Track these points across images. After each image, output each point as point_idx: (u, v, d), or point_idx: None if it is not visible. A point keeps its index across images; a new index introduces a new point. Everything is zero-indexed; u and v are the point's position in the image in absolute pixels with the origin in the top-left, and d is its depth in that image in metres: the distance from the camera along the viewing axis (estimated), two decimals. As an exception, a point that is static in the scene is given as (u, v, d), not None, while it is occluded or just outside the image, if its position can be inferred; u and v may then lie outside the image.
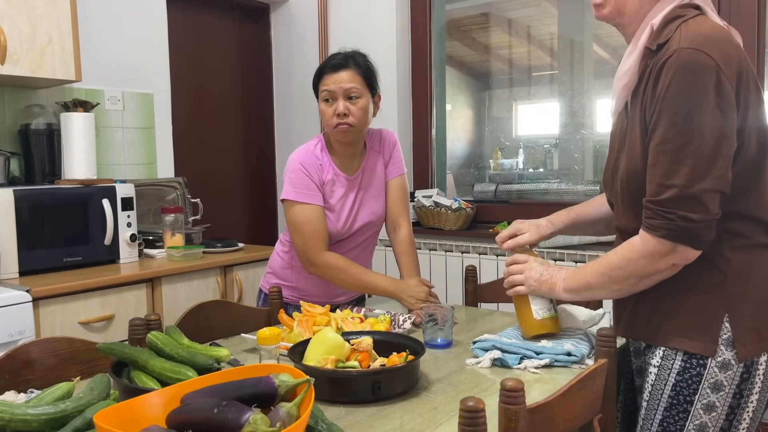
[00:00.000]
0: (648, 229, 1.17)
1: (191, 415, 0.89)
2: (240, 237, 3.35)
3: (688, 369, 1.20)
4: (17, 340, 1.93)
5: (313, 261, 1.85)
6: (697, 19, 1.18)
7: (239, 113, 3.69)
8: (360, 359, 1.28)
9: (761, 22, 2.40)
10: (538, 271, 1.43)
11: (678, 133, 1.12)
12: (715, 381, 1.18)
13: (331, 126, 1.84)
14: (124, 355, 1.19)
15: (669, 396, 1.22)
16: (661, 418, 1.23)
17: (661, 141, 1.14)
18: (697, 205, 1.12)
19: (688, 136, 1.11)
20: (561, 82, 3.21)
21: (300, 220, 1.84)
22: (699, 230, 1.13)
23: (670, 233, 1.14)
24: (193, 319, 1.67)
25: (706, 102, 1.10)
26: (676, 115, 1.12)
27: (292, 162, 1.88)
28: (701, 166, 1.11)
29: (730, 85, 1.11)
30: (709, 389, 1.18)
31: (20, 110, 2.60)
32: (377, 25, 3.30)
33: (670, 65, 1.13)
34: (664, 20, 1.20)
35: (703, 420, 1.19)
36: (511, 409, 0.92)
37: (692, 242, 1.14)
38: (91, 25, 2.79)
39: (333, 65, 1.83)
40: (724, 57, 1.11)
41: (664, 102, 1.13)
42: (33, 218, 2.25)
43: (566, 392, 1.05)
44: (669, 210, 1.13)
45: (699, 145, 1.10)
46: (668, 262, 1.17)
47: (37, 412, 0.96)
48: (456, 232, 3.02)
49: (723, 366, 1.17)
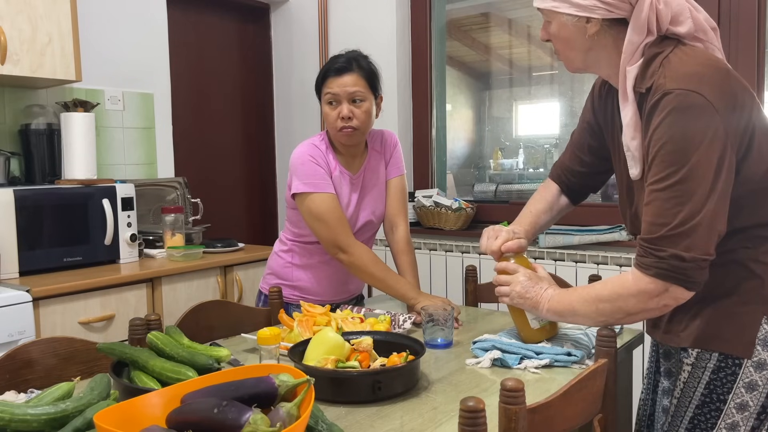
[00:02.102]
0: (640, 268, 1.16)
1: (191, 415, 0.89)
2: (240, 237, 3.36)
3: (723, 368, 1.20)
4: (17, 340, 1.93)
5: (345, 247, 1.81)
6: (676, 52, 1.17)
7: (239, 113, 3.69)
8: (360, 359, 1.28)
9: (761, 22, 2.40)
10: (524, 286, 1.39)
11: (671, 173, 1.11)
12: (750, 381, 1.18)
13: (335, 129, 1.84)
14: (124, 355, 1.19)
15: (702, 394, 1.22)
16: (692, 416, 1.24)
17: (655, 180, 1.14)
18: (690, 244, 1.10)
19: (682, 175, 1.10)
20: (561, 82, 3.21)
21: (322, 209, 1.82)
22: (690, 270, 1.12)
23: (660, 272, 1.13)
24: (193, 319, 1.67)
25: (700, 141, 1.09)
26: (668, 155, 1.12)
27: (300, 155, 1.86)
28: (695, 205, 1.10)
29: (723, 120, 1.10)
30: (744, 389, 1.19)
31: (20, 110, 2.60)
32: (377, 25, 3.30)
33: (663, 107, 1.13)
34: (644, 62, 1.20)
35: (735, 419, 1.20)
36: (512, 409, 0.92)
37: (684, 282, 1.13)
38: (91, 25, 2.79)
39: (337, 69, 1.81)
40: (715, 91, 1.11)
41: (658, 143, 1.13)
42: (33, 218, 2.25)
43: (566, 392, 1.05)
44: (660, 248, 1.12)
45: (693, 185, 1.10)
46: (659, 302, 1.17)
47: (37, 412, 0.96)
48: (456, 232, 3.02)
49: (759, 366, 1.18)
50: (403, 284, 1.83)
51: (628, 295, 1.19)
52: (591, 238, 2.64)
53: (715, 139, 1.10)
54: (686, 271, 1.12)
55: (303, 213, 1.86)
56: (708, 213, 1.10)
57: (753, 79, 2.40)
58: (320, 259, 1.96)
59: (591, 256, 2.64)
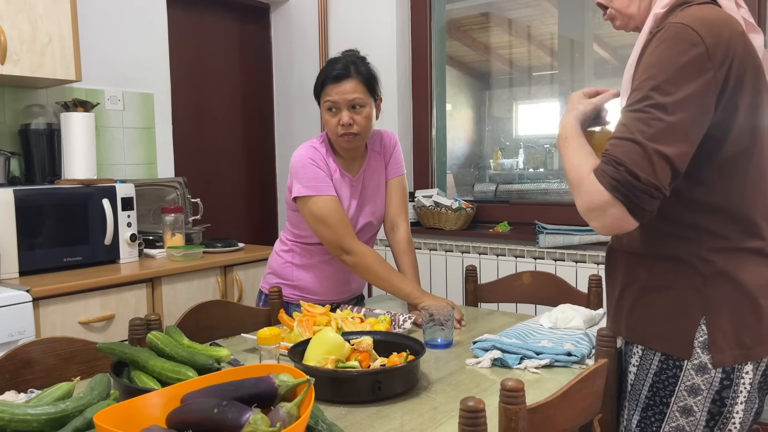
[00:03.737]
0: (597, 174, 1.11)
1: (191, 415, 0.89)
2: (240, 237, 3.35)
3: (665, 370, 1.18)
4: (17, 340, 1.93)
5: (349, 249, 1.82)
6: (703, 6, 1.14)
7: (239, 113, 3.69)
8: (360, 359, 1.28)
9: (761, 22, 2.40)
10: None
11: (646, 96, 1.08)
12: (692, 384, 1.16)
13: (335, 135, 1.83)
14: (124, 355, 1.19)
15: (646, 397, 1.21)
16: (638, 419, 1.23)
17: (630, 102, 1.11)
18: (647, 165, 1.06)
19: (657, 101, 1.07)
20: (561, 81, 3.20)
21: (324, 212, 1.82)
22: (641, 193, 1.07)
23: (613, 183, 1.08)
24: (193, 319, 1.67)
25: (682, 75, 1.07)
26: (648, 80, 1.10)
27: (301, 158, 1.86)
28: (661, 130, 1.06)
29: (714, 68, 1.08)
30: (686, 392, 1.16)
31: (20, 110, 2.60)
32: (377, 25, 3.30)
33: (658, 37, 1.11)
34: (669, 9, 1.18)
35: (680, 423, 1.18)
36: (512, 409, 0.92)
37: (630, 203, 1.08)
38: (91, 25, 2.79)
39: (335, 76, 1.80)
40: (715, 39, 1.08)
41: (642, 69, 1.12)
42: (33, 218, 2.25)
43: (566, 392, 1.05)
44: (620, 160, 1.08)
45: (665, 114, 1.07)
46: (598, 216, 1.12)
47: (37, 412, 0.96)
48: (456, 232, 3.02)
49: (700, 369, 1.15)
50: (408, 284, 1.83)
51: (583, 189, 1.13)
52: (591, 238, 2.64)
53: (698, 78, 1.07)
54: (637, 192, 1.07)
55: (305, 216, 1.86)
56: (674, 147, 1.07)
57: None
58: (321, 258, 1.96)
59: (591, 256, 2.64)
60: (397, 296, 1.84)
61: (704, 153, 1.13)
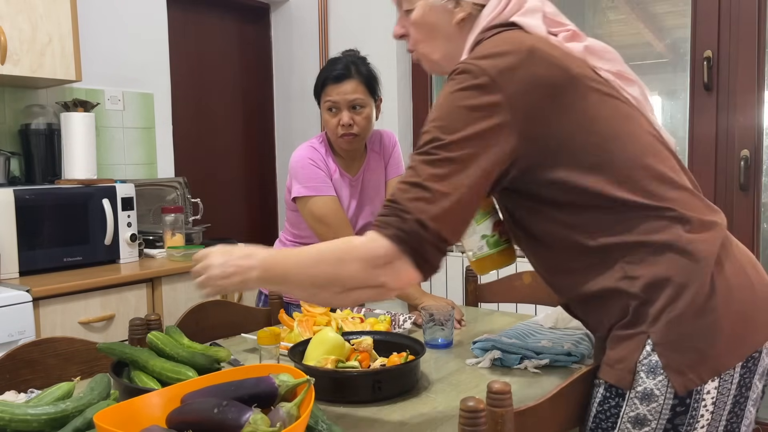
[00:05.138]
0: (378, 228, 1.00)
1: (191, 415, 0.89)
2: (240, 237, 3.35)
3: (607, 399, 1.03)
4: (17, 340, 1.93)
5: None
6: (502, 34, 1.05)
7: (239, 113, 3.69)
8: (360, 359, 1.28)
9: (761, 22, 2.40)
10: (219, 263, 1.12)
11: (434, 139, 0.99)
12: (636, 415, 1.00)
13: (335, 135, 1.83)
14: (124, 355, 1.19)
15: (590, 429, 1.06)
16: None
17: (418, 147, 1.02)
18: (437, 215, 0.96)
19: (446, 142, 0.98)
20: (561, 82, 3.20)
21: (324, 212, 1.82)
22: (427, 244, 0.97)
23: (399, 234, 0.97)
24: (193, 319, 1.67)
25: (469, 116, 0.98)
26: (435, 121, 1.01)
27: (300, 158, 1.86)
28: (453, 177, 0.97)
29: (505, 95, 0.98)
30: (630, 423, 1.00)
31: (20, 110, 2.60)
32: (377, 25, 3.30)
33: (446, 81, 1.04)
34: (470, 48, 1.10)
35: None
36: (498, 412, 0.89)
37: (416, 256, 0.98)
38: (91, 25, 2.79)
39: (336, 76, 1.80)
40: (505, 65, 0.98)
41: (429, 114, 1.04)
42: (33, 218, 2.25)
43: (556, 395, 1.01)
44: (407, 210, 0.97)
45: (454, 157, 0.97)
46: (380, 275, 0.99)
47: (37, 412, 0.96)
48: (456, 232, 3.02)
49: (645, 397, 0.98)
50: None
51: (352, 259, 1.00)
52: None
53: (489, 116, 0.98)
54: (423, 243, 0.97)
55: (305, 216, 1.86)
56: (464, 193, 0.97)
57: (753, 77, 2.40)
58: (320, 258, 1.96)
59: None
60: (398, 296, 1.84)
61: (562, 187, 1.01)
